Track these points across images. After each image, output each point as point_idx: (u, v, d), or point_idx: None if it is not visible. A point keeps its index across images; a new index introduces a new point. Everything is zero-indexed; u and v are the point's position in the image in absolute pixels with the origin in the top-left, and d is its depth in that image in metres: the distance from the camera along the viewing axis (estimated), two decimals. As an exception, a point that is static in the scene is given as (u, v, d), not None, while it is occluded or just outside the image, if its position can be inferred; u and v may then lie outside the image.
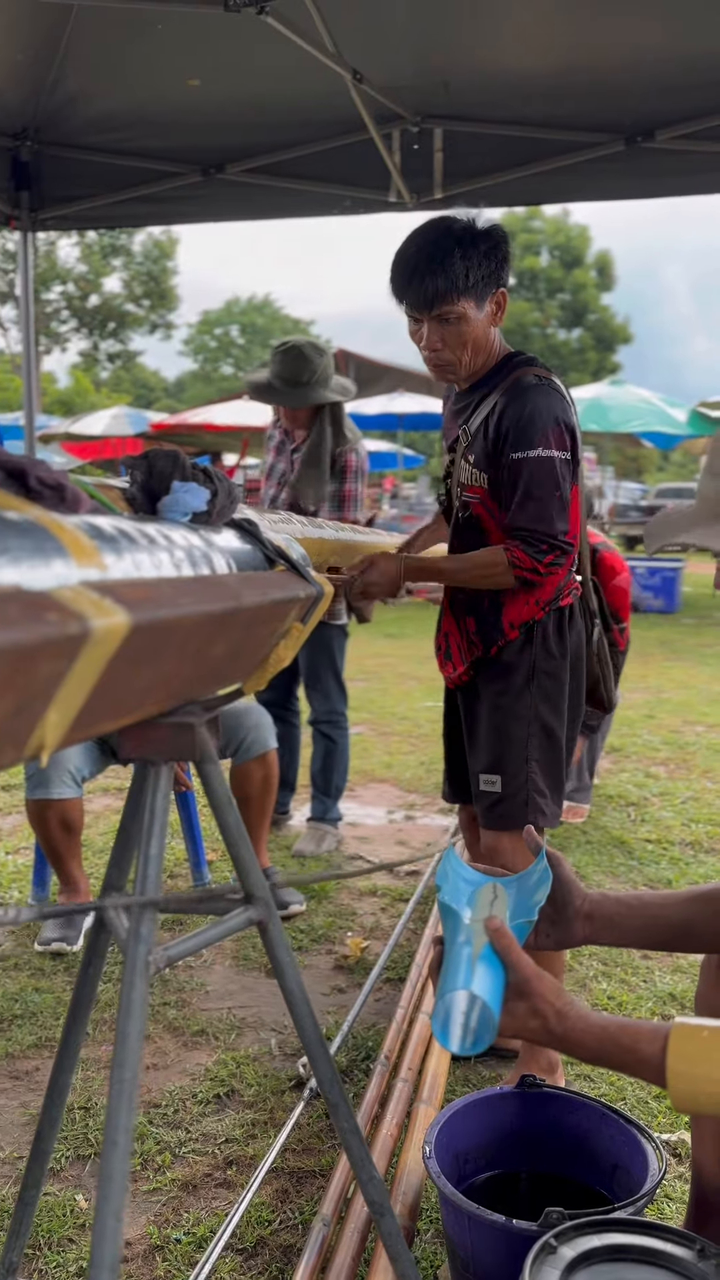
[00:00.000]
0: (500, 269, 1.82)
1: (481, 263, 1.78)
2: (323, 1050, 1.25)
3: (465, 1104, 1.62)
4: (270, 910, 1.20)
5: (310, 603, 1.24)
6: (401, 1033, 2.24)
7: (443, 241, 1.77)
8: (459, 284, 1.78)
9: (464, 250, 1.77)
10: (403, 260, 1.81)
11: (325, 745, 3.73)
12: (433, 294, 1.79)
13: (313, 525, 1.93)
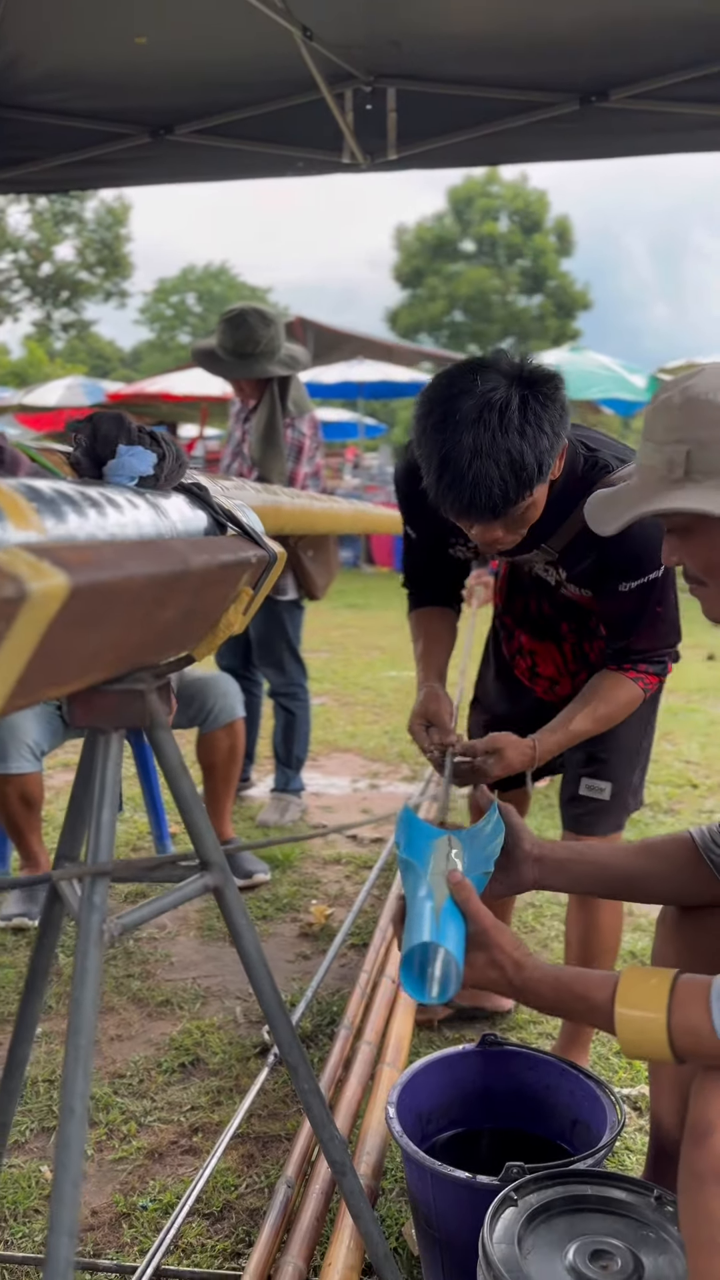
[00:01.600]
0: (562, 420, 1.50)
1: (547, 430, 1.47)
2: (281, 1012, 1.25)
3: (427, 1064, 1.63)
4: (226, 876, 1.20)
5: (262, 568, 1.23)
6: (365, 997, 2.26)
7: (499, 435, 1.44)
8: (531, 479, 1.47)
9: (525, 429, 1.45)
10: (448, 464, 1.45)
11: (285, 717, 3.74)
12: (499, 504, 1.48)
13: (268, 492, 1.91)
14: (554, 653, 1.99)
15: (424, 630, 2.02)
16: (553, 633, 1.96)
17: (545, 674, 2.03)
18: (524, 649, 2.04)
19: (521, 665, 2.07)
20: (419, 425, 1.52)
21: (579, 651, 1.96)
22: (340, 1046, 2.05)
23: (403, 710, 5.46)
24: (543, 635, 1.98)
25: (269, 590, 1.27)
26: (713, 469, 1.15)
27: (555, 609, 1.90)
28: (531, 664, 2.04)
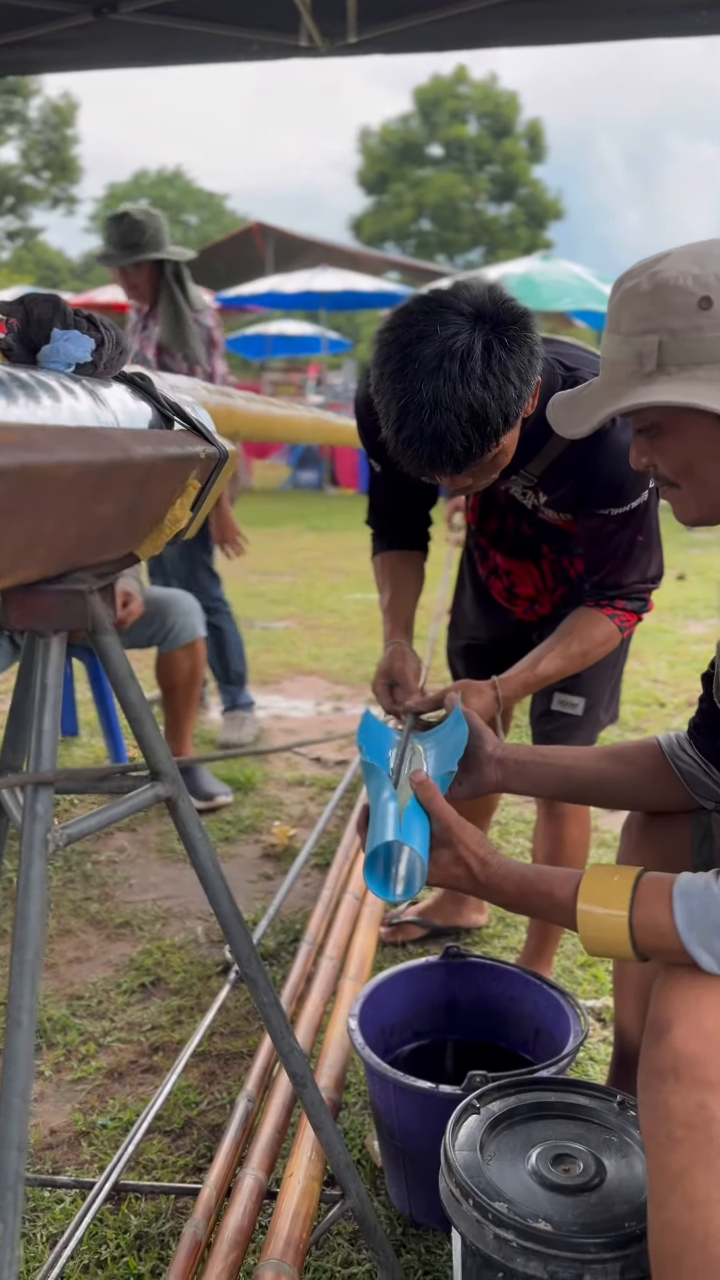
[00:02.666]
0: (531, 365, 1.43)
1: (514, 379, 1.40)
2: (239, 925, 1.25)
3: (390, 977, 1.65)
4: (178, 786, 1.18)
5: (213, 464, 1.19)
6: (329, 914, 2.28)
7: (460, 386, 1.37)
8: (496, 432, 1.41)
9: (488, 379, 1.38)
10: (406, 417, 1.40)
11: (214, 635, 3.72)
12: (461, 459, 1.43)
13: (221, 394, 1.85)
14: (532, 572, 1.96)
15: (391, 578, 1.98)
16: (530, 552, 1.93)
17: (524, 594, 2.01)
18: (500, 569, 2.01)
19: (498, 586, 2.04)
20: (376, 370, 1.45)
21: (558, 569, 1.93)
22: (302, 962, 2.07)
23: (368, 633, 5.45)
24: (520, 554, 1.95)
25: (222, 490, 1.23)
26: (686, 359, 1.10)
27: (533, 529, 1.87)
28: (509, 584, 2.01)
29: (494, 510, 1.93)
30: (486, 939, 2.37)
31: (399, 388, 1.41)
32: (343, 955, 2.09)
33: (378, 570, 2.03)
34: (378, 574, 2.02)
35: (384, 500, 1.98)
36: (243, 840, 2.90)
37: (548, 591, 1.97)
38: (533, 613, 2.02)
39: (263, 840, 2.89)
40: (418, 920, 2.38)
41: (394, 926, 2.36)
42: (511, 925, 2.44)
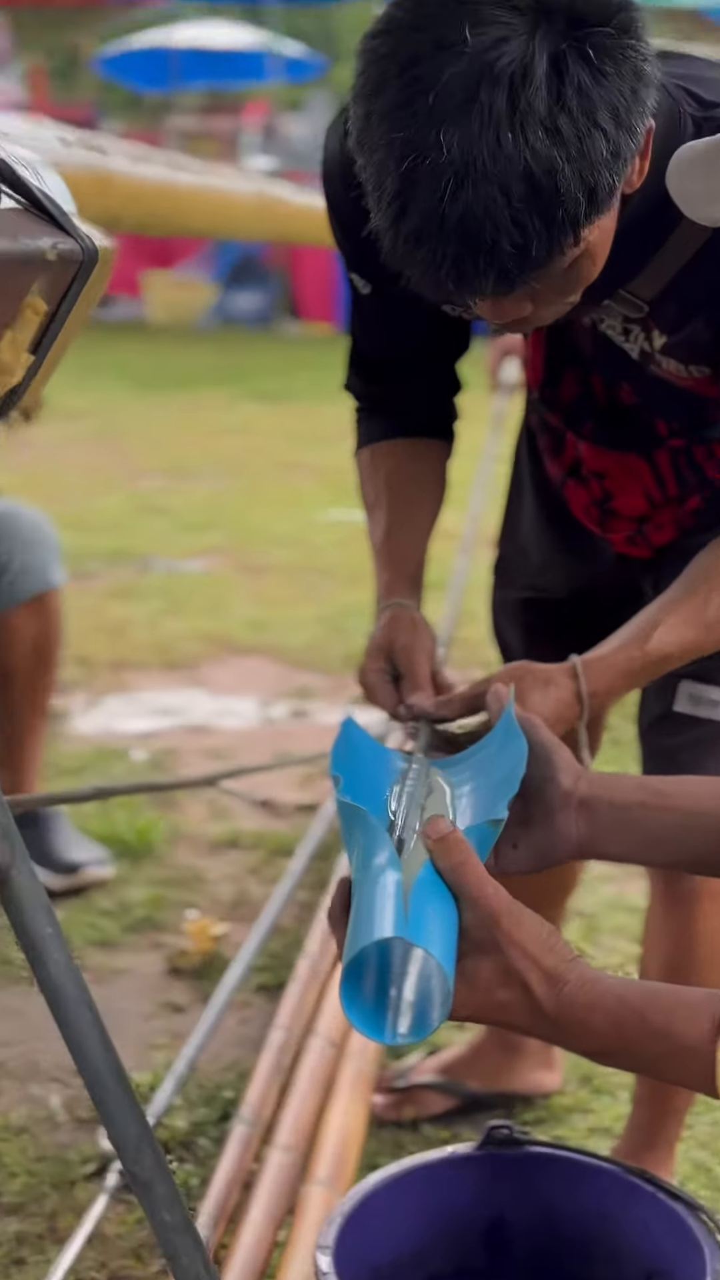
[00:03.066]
0: (640, 87, 1.42)
1: (605, 120, 1.39)
2: (122, 1092, 1.26)
3: (389, 1182, 1.66)
4: (13, 849, 1.19)
5: (70, 271, 1.19)
6: (281, 1073, 2.30)
7: (513, 135, 1.36)
8: (576, 216, 1.41)
9: (561, 123, 1.37)
10: (414, 190, 1.40)
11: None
12: (514, 266, 1.43)
13: (87, 148, 1.85)
14: (642, 472, 1.96)
15: (388, 490, 1.99)
16: (639, 438, 1.93)
17: (627, 511, 2.01)
18: (585, 468, 2.01)
19: (582, 498, 2.05)
20: (361, 109, 1.42)
21: (689, 466, 1.94)
22: (236, 1155, 2.09)
23: (352, 580, 5.47)
24: (621, 442, 1.95)
25: (86, 315, 1.23)
26: None
27: (643, 397, 1.86)
28: (602, 495, 2.02)
29: (573, 363, 1.92)
30: (560, 1114, 2.39)
31: (400, 138, 1.38)
32: (307, 1145, 2.10)
33: (365, 475, 2.03)
34: (365, 482, 2.03)
35: (376, 346, 1.98)
36: (133, 943, 2.91)
37: (670, 504, 1.98)
38: (643, 543, 2.04)
39: (167, 944, 2.90)
40: (439, 1083, 2.40)
41: (399, 1093, 2.38)
42: (605, 1091, 2.46)
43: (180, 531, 6.39)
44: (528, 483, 2.18)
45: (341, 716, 1.52)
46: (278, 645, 4.86)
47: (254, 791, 3.66)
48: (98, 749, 3.95)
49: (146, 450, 8.26)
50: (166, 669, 4.63)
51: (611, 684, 1.74)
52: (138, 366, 11.10)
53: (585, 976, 1.19)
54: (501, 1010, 1.19)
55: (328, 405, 9.10)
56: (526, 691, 1.67)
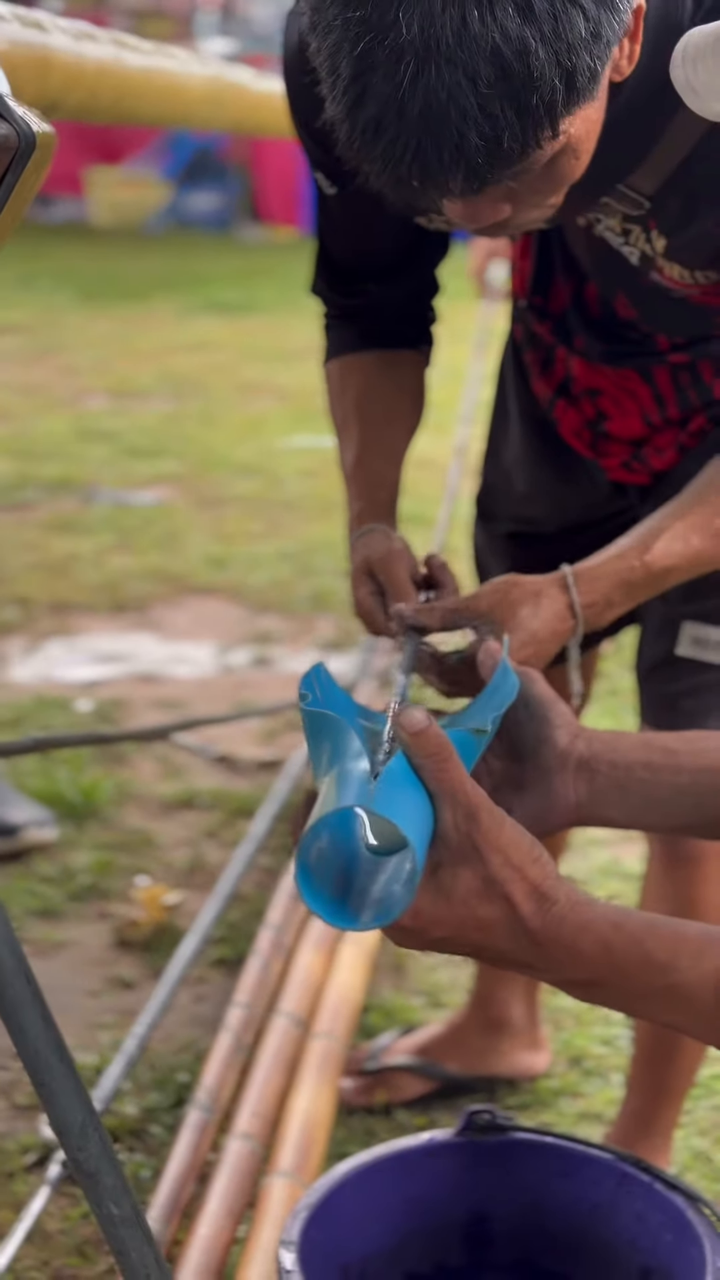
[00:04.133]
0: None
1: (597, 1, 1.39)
2: (66, 1074, 1.27)
3: (360, 1172, 1.67)
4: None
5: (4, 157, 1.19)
6: (241, 1052, 2.31)
7: (479, 10, 1.35)
8: (548, 103, 1.41)
9: (546, 11, 1.36)
10: (371, 75, 1.39)
11: None
12: (483, 160, 1.42)
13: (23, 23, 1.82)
14: (639, 389, 1.97)
15: (359, 407, 2.00)
16: (636, 351, 1.94)
17: (623, 433, 2.02)
18: (578, 387, 2.02)
19: (573, 419, 2.06)
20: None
21: (692, 383, 1.95)
22: (191, 1143, 2.10)
23: (321, 513, 5.47)
24: (617, 357, 1.96)
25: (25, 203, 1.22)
26: None
27: (642, 306, 1.87)
28: (595, 415, 2.03)
29: (565, 270, 1.92)
30: (547, 1098, 2.40)
31: (356, 17, 1.37)
32: (269, 1132, 2.11)
33: (334, 392, 2.03)
34: (334, 400, 2.03)
35: (344, 250, 1.98)
36: (77, 914, 2.92)
37: (670, 427, 1.99)
38: (641, 469, 2.05)
39: (114, 914, 2.91)
40: (415, 1064, 2.41)
41: (370, 1076, 2.40)
42: (596, 1073, 2.48)
43: (129, 458, 6.37)
44: (513, 403, 2.18)
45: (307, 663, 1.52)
46: (237, 585, 4.85)
47: (211, 746, 3.66)
48: (37, 698, 3.94)
49: (90, 368, 8.22)
50: (114, 611, 4.62)
51: (608, 594, 1.74)
52: (80, 274, 11.03)
53: (575, 896, 1.18)
54: (481, 928, 1.17)
55: (293, 318, 9.20)
56: (515, 606, 1.69)
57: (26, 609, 4.58)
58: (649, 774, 1.42)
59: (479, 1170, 1.72)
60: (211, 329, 9.36)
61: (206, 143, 13.47)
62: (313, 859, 1.14)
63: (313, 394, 6.95)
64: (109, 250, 12.53)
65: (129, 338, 9.03)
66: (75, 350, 8.71)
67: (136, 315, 9.77)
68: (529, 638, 1.70)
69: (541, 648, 1.72)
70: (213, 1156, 2.12)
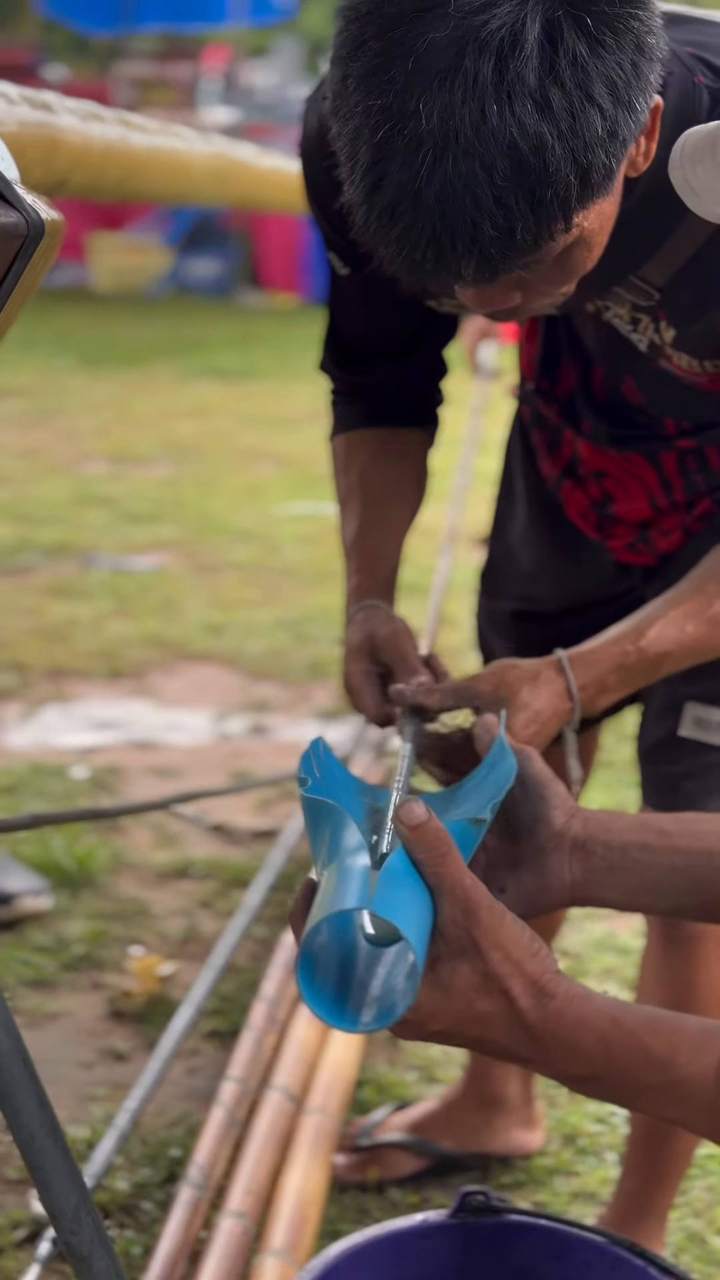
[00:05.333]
0: (643, 58, 1.44)
1: (602, 95, 1.41)
2: (58, 1151, 1.26)
3: (353, 1252, 1.66)
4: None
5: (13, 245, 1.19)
6: (235, 1127, 2.30)
7: (499, 106, 1.37)
8: (563, 197, 1.43)
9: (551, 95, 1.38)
10: (390, 163, 1.41)
11: None
12: (497, 250, 1.44)
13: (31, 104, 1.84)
14: (645, 473, 1.98)
15: (363, 483, 2.01)
16: (645, 437, 1.95)
17: (629, 515, 2.03)
18: (585, 469, 2.03)
19: (579, 501, 2.07)
20: (338, 70, 1.45)
21: (701, 466, 1.95)
22: (184, 1220, 2.09)
23: (318, 580, 5.48)
24: (624, 441, 1.97)
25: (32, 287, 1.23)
26: None
27: (650, 392, 1.88)
28: (602, 496, 2.04)
29: (573, 354, 1.93)
30: (541, 1177, 2.39)
31: (377, 106, 1.39)
32: (262, 1210, 2.10)
33: (338, 466, 2.04)
34: (338, 474, 2.04)
35: (355, 330, 1.99)
36: (71, 984, 2.91)
37: (676, 511, 1.99)
38: (647, 550, 2.05)
39: (108, 984, 2.90)
40: (408, 1141, 2.40)
41: (363, 1153, 2.39)
42: (590, 1152, 2.47)
43: (128, 523, 6.39)
44: (519, 482, 2.19)
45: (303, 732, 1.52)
46: (234, 652, 4.85)
47: (206, 815, 3.66)
48: (33, 765, 3.94)
49: (91, 432, 8.25)
50: (111, 677, 4.62)
51: (603, 678, 1.74)
52: (82, 338, 11.09)
53: (573, 991, 1.18)
54: (479, 1023, 1.18)
55: (292, 384, 9.26)
56: (515, 686, 1.69)
57: (23, 674, 4.58)
58: (644, 855, 1.42)
59: (472, 1252, 1.71)
60: (211, 394, 9.41)
61: (209, 210, 13.56)
62: (315, 958, 1.15)
63: (311, 460, 7.03)
64: (110, 315, 12.61)
65: (129, 403, 9.08)
66: (75, 415, 8.75)
67: (137, 380, 9.82)
68: (532, 717, 1.71)
69: (544, 727, 1.72)
70: (204, 1234, 2.10)
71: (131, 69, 16.62)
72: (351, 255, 1.84)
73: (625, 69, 1.41)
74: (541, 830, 1.42)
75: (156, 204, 10.05)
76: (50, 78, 17.17)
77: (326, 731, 4.24)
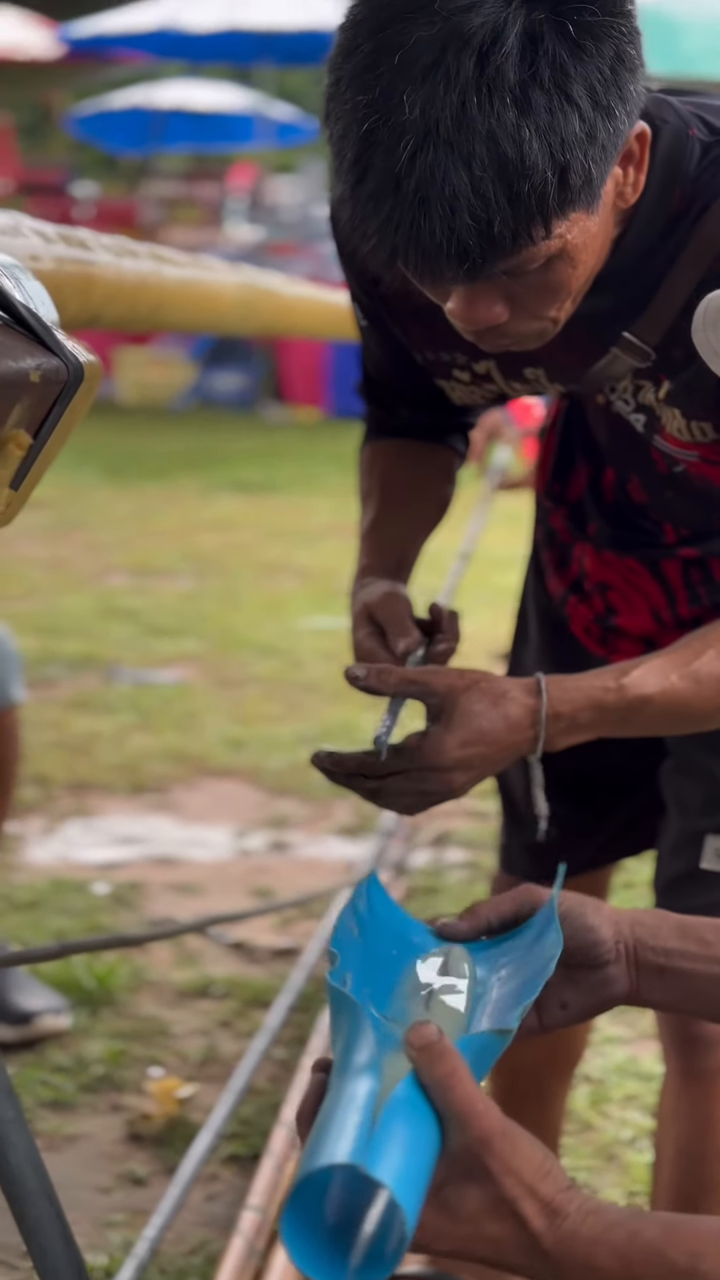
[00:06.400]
0: (619, 76, 1.48)
1: (581, 96, 1.45)
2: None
3: None
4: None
5: (54, 390, 1.21)
6: (255, 1258, 2.29)
7: (480, 102, 1.41)
8: (542, 196, 1.46)
9: (532, 94, 1.42)
10: (373, 154, 1.46)
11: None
12: (475, 242, 1.47)
13: (67, 243, 1.87)
14: (649, 585, 1.98)
15: (381, 482, 2.04)
16: (644, 542, 1.96)
17: (632, 628, 2.03)
18: (590, 580, 2.04)
19: (583, 614, 2.07)
20: (331, 74, 1.50)
21: (705, 579, 1.95)
22: None
23: (336, 695, 5.48)
24: (627, 544, 1.98)
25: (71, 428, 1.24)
26: None
27: (652, 490, 1.90)
28: (605, 609, 2.04)
29: (586, 455, 1.96)
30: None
31: (364, 100, 1.45)
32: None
33: (363, 469, 2.07)
34: (362, 476, 2.07)
35: (378, 373, 2.04)
36: (90, 1106, 2.89)
37: (680, 626, 1.97)
38: None
39: (127, 1106, 2.88)
40: (429, 1273, 2.37)
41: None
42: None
43: (150, 637, 6.41)
44: (531, 604, 2.21)
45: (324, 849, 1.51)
46: (255, 767, 4.86)
47: (226, 933, 3.64)
48: (55, 881, 3.94)
49: (114, 545, 8.30)
50: (132, 792, 4.63)
51: (577, 711, 1.67)
52: (106, 451, 11.15)
53: (586, 1207, 1.14)
54: (491, 1246, 1.14)
55: (314, 498, 9.30)
56: (471, 703, 1.63)
57: (46, 788, 4.58)
58: (688, 964, 1.42)
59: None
60: (234, 508, 9.46)
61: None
62: (302, 1211, 1.10)
63: (332, 574, 7.05)
64: (134, 428, 12.69)
65: (152, 515, 9.13)
66: (99, 527, 8.81)
67: (160, 493, 9.88)
68: (475, 736, 1.64)
69: (490, 752, 1.65)
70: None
71: (159, 188, 16.83)
72: (371, 309, 1.91)
73: (604, 74, 1.46)
74: (596, 949, 1.42)
75: (185, 328, 10.17)
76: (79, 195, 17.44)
77: (346, 848, 4.29)
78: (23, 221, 1.79)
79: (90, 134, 18.26)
